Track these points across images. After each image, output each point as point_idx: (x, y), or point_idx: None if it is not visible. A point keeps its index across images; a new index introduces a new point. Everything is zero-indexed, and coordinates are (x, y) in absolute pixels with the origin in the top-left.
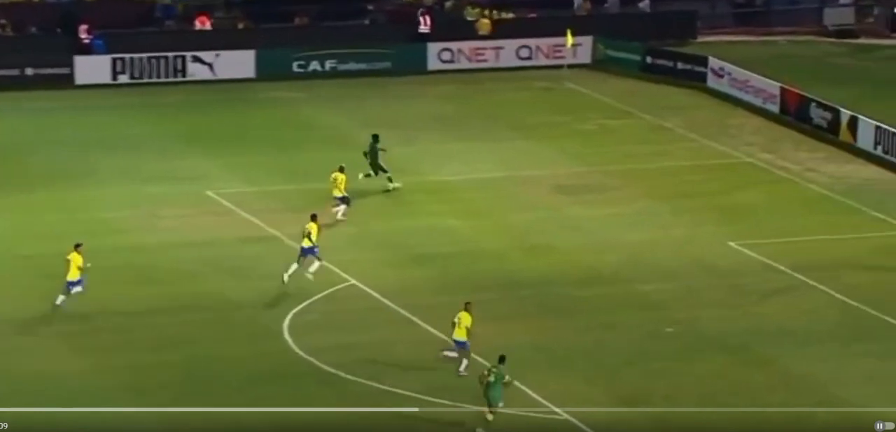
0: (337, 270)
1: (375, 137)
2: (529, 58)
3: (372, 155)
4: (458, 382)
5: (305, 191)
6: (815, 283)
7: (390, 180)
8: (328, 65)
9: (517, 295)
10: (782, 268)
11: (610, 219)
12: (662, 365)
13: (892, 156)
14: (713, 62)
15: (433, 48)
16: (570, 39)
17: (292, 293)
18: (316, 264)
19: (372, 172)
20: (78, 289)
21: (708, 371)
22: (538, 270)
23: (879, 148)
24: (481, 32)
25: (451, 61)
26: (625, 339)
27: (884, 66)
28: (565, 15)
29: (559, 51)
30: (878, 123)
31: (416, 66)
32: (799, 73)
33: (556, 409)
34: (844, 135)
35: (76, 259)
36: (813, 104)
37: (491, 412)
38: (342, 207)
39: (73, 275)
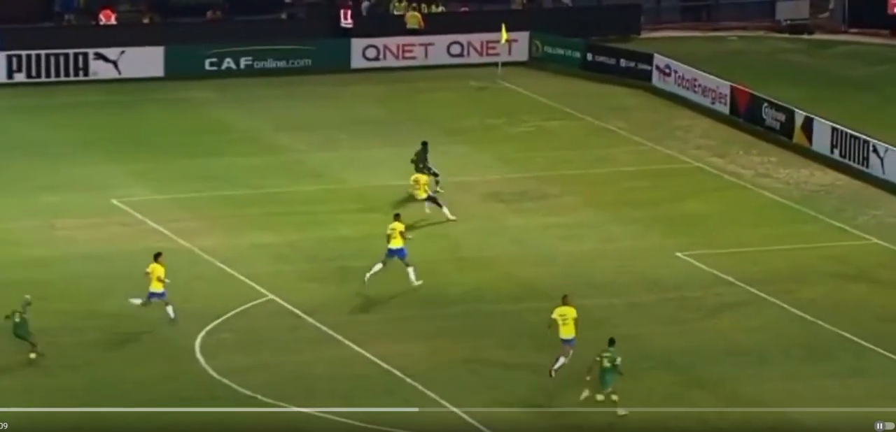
0: (253, 284)
1: (425, 144)
2: (462, 55)
3: (422, 160)
4: (382, 401)
5: (219, 198)
6: (768, 297)
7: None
8: (243, 63)
9: (448, 311)
10: (733, 280)
11: (548, 230)
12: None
13: (849, 159)
14: (658, 59)
15: (357, 45)
16: (504, 35)
17: (204, 308)
18: (411, 270)
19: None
20: (158, 300)
21: (653, 392)
22: (471, 285)
23: (836, 151)
24: (410, 27)
25: (377, 59)
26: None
27: (840, 62)
28: (500, 9)
29: (493, 48)
30: (835, 124)
31: (338, 64)
32: (750, 71)
33: None
34: (799, 137)
35: (157, 270)
36: (765, 104)
37: (604, 395)
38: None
39: (156, 287)
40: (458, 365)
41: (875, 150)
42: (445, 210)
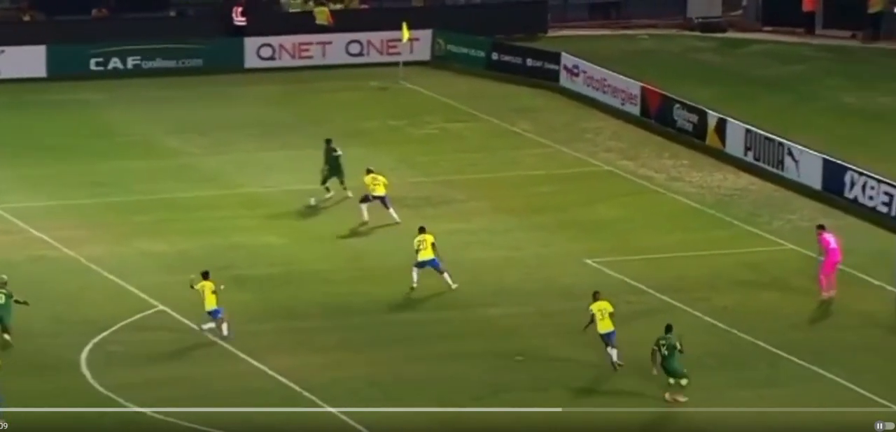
0: (142, 295)
1: (328, 141)
2: (361, 54)
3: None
4: (293, 421)
5: (107, 204)
6: (681, 305)
7: (345, 188)
8: (131, 62)
9: (347, 322)
10: (645, 288)
11: (453, 236)
12: (511, 397)
13: (764, 162)
14: (566, 59)
15: (251, 44)
16: (406, 34)
17: (90, 320)
18: (446, 275)
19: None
20: (220, 316)
21: (560, 404)
22: (371, 294)
23: (750, 153)
24: (319, 23)
25: (272, 58)
26: (470, 371)
27: (754, 62)
28: (401, 7)
29: (394, 46)
30: (749, 126)
31: (231, 64)
32: (661, 70)
33: None
34: (712, 139)
35: (207, 286)
36: (677, 105)
37: (679, 382)
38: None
39: (211, 303)
40: (359, 377)
41: (790, 153)
42: (392, 212)
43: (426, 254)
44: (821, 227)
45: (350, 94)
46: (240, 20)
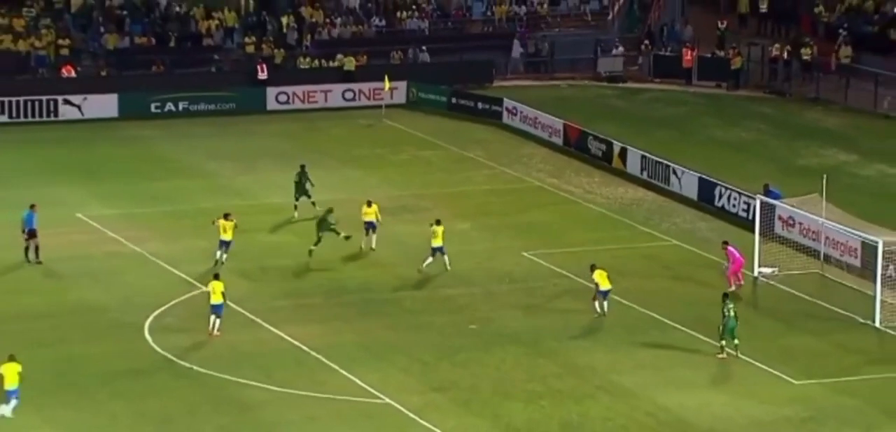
0: (191, 280)
1: (303, 166)
2: (353, 99)
3: (302, 181)
4: (292, 376)
5: (162, 212)
6: (586, 285)
7: (312, 203)
8: (181, 106)
9: (342, 299)
10: (568, 274)
11: (423, 236)
12: (467, 356)
13: (655, 179)
14: (507, 102)
15: (271, 91)
16: (387, 84)
17: (151, 298)
18: (446, 258)
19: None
20: (218, 313)
21: (505, 361)
22: (362, 278)
23: (645, 173)
24: (346, 69)
25: (287, 103)
26: (435, 336)
27: (647, 105)
28: (384, 63)
29: (379, 93)
30: (644, 153)
31: (256, 107)
32: (578, 111)
33: (379, 395)
34: (616, 162)
35: (217, 286)
36: (590, 137)
37: (733, 341)
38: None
39: (217, 299)
40: (351, 342)
41: (674, 172)
42: (373, 238)
43: (437, 242)
44: (725, 243)
45: (345, 129)
46: (263, 75)
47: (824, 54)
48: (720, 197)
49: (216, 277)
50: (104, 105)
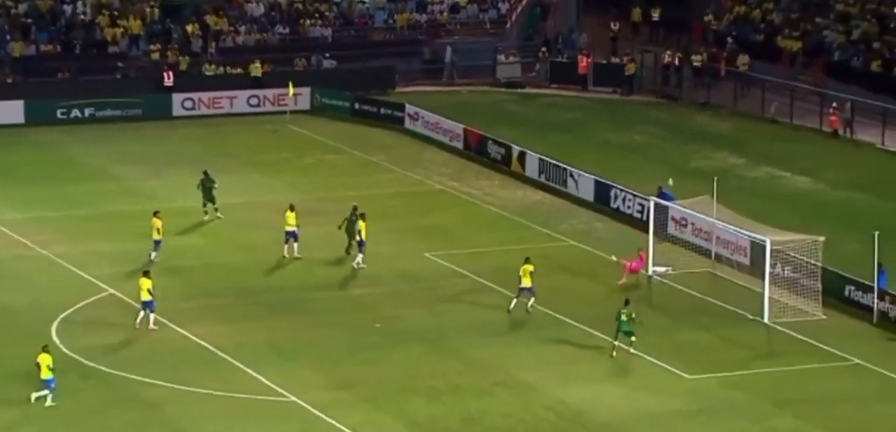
0: (98, 282)
1: (206, 173)
2: (258, 105)
3: (206, 187)
4: (199, 375)
5: (70, 216)
6: (494, 286)
7: (216, 211)
8: (87, 112)
9: (251, 300)
10: (468, 274)
11: (327, 239)
12: (373, 354)
13: (553, 182)
14: (409, 108)
15: (177, 98)
16: (292, 90)
17: (59, 300)
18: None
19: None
20: (151, 308)
21: (409, 358)
22: (269, 280)
23: (543, 176)
24: (254, 75)
25: (193, 108)
26: (342, 335)
27: (545, 111)
28: (288, 70)
29: (283, 99)
30: (542, 156)
31: (162, 113)
32: (478, 116)
33: (285, 393)
34: (515, 166)
35: (145, 283)
36: (490, 141)
37: (630, 340)
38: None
39: (145, 296)
40: (260, 342)
41: (571, 175)
42: (295, 246)
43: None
44: (641, 250)
45: (250, 135)
46: (168, 81)
47: (714, 61)
48: (615, 198)
49: (146, 274)
50: (10, 111)
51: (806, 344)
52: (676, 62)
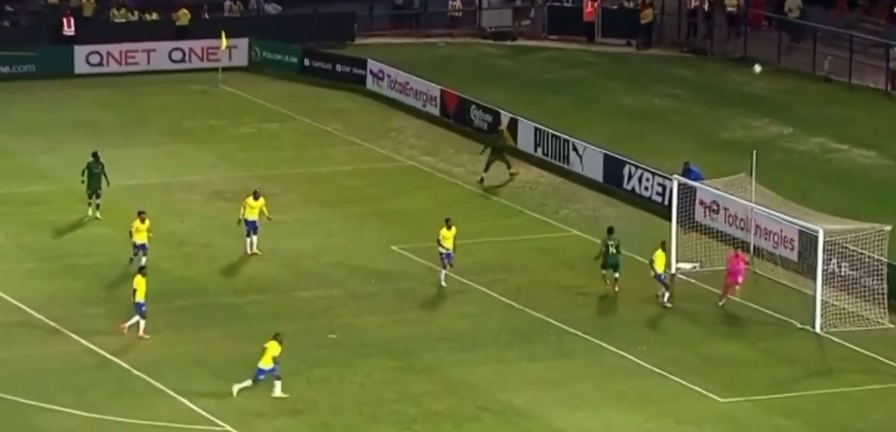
0: None
1: (95, 155)
2: (183, 60)
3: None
4: (111, 398)
5: None
6: (478, 286)
7: (98, 208)
8: None
9: (173, 305)
10: (447, 271)
11: (269, 227)
12: (326, 372)
13: (551, 157)
14: (372, 64)
15: (80, 51)
16: (224, 42)
17: None
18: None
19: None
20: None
21: (370, 377)
22: (195, 279)
23: (539, 149)
24: (180, 24)
25: (100, 64)
26: (287, 348)
27: (541, 67)
28: (220, 17)
29: (214, 53)
30: (538, 125)
31: (62, 70)
32: (458, 75)
33: (219, 422)
34: (506, 137)
35: (141, 283)
36: (473, 106)
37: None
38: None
39: (141, 296)
40: (186, 356)
41: (574, 149)
42: (255, 240)
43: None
44: (738, 251)
45: (173, 96)
46: (69, 30)
47: (753, 6)
48: (630, 178)
49: (142, 271)
50: None
51: (867, 359)
52: (706, 7)
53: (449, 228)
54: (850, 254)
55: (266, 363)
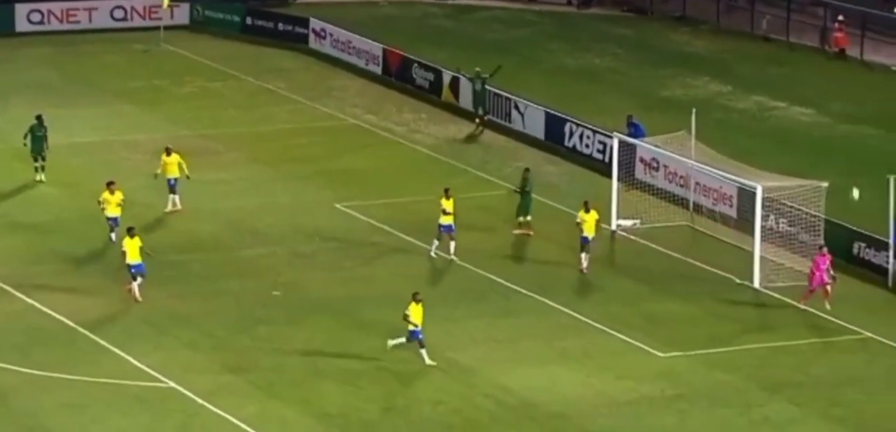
0: None
1: (39, 117)
2: (125, 19)
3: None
4: (56, 356)
5: None
6: (421, 244)
7: (43, 171)
8: None
9: (118, 263)
10: (389, 229)
11: (212, 186)
12: (269, 329)
13: (494, 115)
14: (314, 23)
15: (21, 8)
16: (166, 1)
17: None
18: (453, 244)
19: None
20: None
21: (314, 335)
22: (140, 238)
23: (481, 108)
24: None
25: (42, 22)
26: (231, 306)
27: (482, 26)
28: None
29: (156, 12)
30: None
31: (2, 28)
32: (401, 34)
33: (161, 378)
34: (447, 95)
35: (132, 245)
36: (415, 65)
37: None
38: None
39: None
40: (131, 315)
41: (516, 107)
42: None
43: (446, 220)
44: (821, 247)
45: (116, 56)
46: None
47: None
48: (571, 135)
49: (130, 232)
50: None
51: (805, 315)
52: None
53: (448, 198)
54: (787, 211)
55: (416, 322)
